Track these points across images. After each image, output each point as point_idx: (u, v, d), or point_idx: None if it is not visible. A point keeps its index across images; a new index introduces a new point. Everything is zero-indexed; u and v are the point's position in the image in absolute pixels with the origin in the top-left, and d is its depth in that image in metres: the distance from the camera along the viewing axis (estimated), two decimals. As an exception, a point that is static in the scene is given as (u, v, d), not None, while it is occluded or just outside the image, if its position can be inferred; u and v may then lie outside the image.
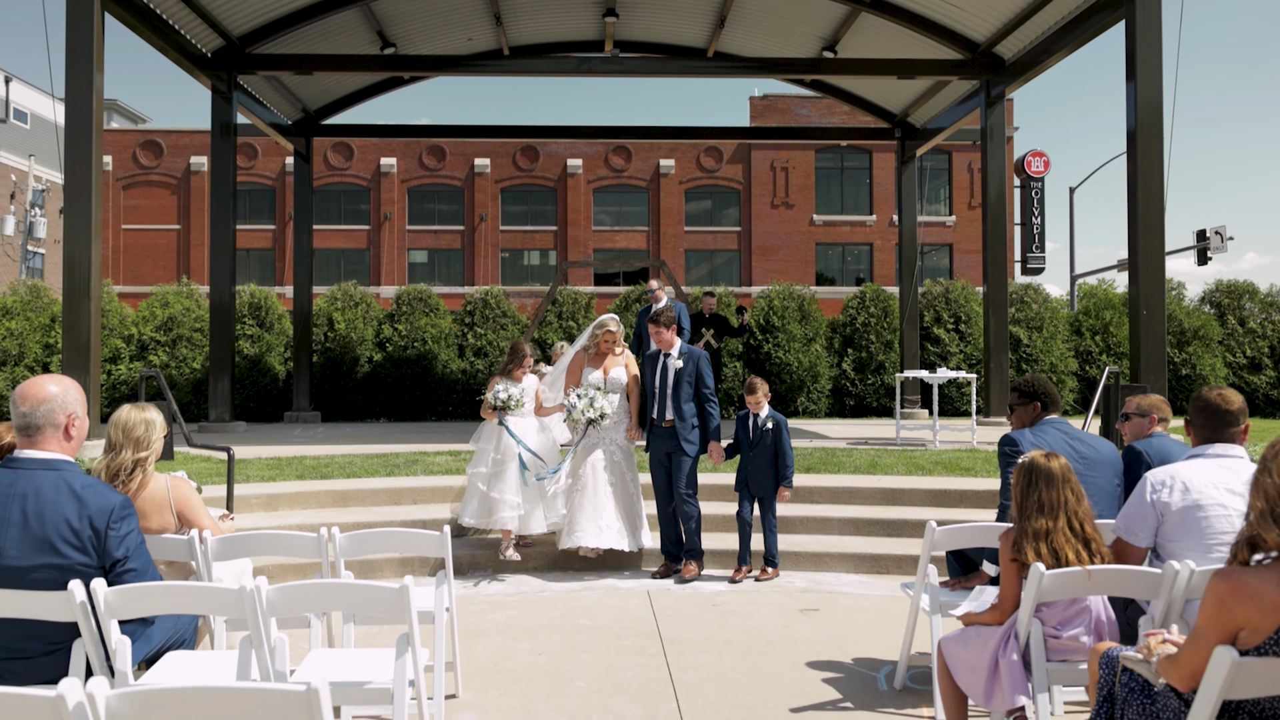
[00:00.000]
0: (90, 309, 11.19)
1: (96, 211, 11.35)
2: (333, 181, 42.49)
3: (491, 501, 7.81)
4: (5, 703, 2.18)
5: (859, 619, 6.55)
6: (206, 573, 4.25)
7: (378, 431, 15.58)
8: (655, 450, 7.95)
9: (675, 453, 7.78)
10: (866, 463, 10.40)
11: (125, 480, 4.25)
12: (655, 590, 7.42)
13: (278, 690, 2.26)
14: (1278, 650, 2.65)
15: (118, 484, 4.23)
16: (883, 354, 19.45)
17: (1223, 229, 30.17)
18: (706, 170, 43.49)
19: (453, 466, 10.33)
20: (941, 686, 4.12)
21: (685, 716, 4.72)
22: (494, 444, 7.99)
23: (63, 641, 3.34)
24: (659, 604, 6.96)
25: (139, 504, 4.25)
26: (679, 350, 7.92)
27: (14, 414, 3.40)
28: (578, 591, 7.40)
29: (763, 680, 5.28)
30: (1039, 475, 3.84)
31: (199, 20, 13.84)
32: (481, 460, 7.99)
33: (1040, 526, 3.77)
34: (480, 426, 8.27)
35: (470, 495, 7.99)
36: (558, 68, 17.39)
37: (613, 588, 7.55)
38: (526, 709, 4.83)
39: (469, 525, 8.04)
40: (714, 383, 8.16)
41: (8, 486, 3.29)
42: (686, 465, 7.76)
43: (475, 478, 7.96)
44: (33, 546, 3.25)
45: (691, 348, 7.98)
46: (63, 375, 3.58)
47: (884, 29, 15.59)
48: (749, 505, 7.80)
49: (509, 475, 7.82)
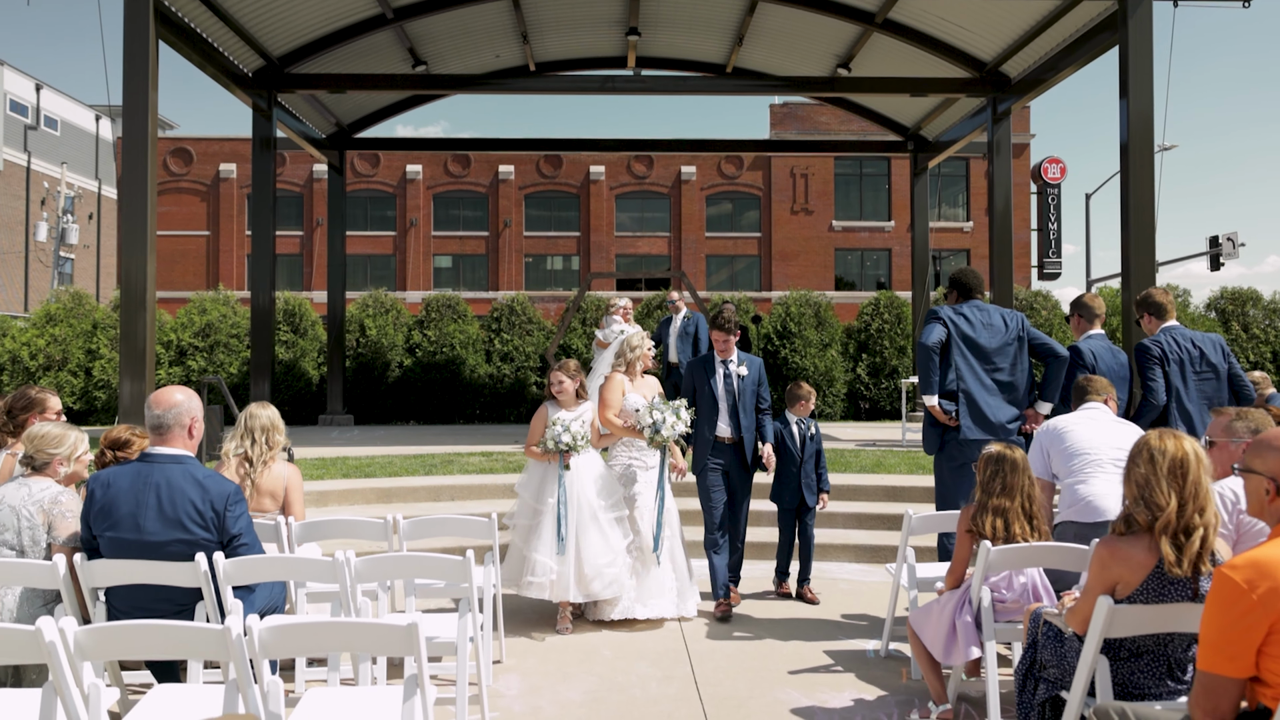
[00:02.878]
0: (146, 319, 11.95)
1: (152, 227, 12.08)
2: (360, 188, 43.35)
3: (522, 560, 6.57)
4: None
5: (855, 600, 7.31)
6: (290, 551, 5.02)
7: (410, 434, 16.34)
8: (713, 471, 7.00)
9: (737, 471, 7.03)
10: (872, 462, 11.09)
11: (264, 461, 5.28)
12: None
13: (383, 624, 2.99)
14: (1144, 599, 3.44)
15: (254, 465, 5.23)
16: (896, 359, 20.11)
17: (1234, 235, 30.68)
18: (727, 177, 44.17)
19: (486, 466, 11.07)
20: (914, 650, 4.93)
21: (698, 677, 5.47)
22: (534, 488, 6.71)
23: (188, 603, 4.10)
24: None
25: (261, 482, 5.21)
26: (739, 357, 7.11)
27: (148, 415, 4.17)
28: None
29: (765, 649, 6.05)
30: (1005, 463, 4.69)
31: (241, 43, 14.62)
32: (522, 512, 6.76)
33: (999, 504, 4.63)
34: (528, 469, 6.92)
35: (510, 554, 6.74)
36: (582, 86, 18.14)
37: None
38: (561, 671, 5.58)
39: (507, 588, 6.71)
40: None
41: (145, 477, 4.05)
42: (749, 488, 7.14)
43: (516, 532, 6.74)
44: (167, 525, 4.00)
45: (747, 354, 7.20)
46: (183, 386, 4.34)
47: (895, 48, 16.24)
48: (791, 517, 7.39)
49: (545, 529, 6.52)
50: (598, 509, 6.58)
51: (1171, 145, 34.72)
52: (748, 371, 7.04)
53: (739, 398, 6.97)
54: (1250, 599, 2.73)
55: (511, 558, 6.63)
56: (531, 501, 6.66)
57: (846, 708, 5.04)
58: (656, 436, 6.67)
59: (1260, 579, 2.75)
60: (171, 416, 4.15)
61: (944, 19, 14.81)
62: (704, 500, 7.02)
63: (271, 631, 2.97)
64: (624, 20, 16.72)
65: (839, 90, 17.71)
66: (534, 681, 5.43)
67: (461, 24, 16.75)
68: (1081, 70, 15.02)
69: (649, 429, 6.68)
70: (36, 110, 43.40)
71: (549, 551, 6.40)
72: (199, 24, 13.30)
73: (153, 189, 12.24)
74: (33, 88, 43.24)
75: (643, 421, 6.72)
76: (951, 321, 6.37)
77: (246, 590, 4.36)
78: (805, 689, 5.30)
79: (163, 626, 3.02)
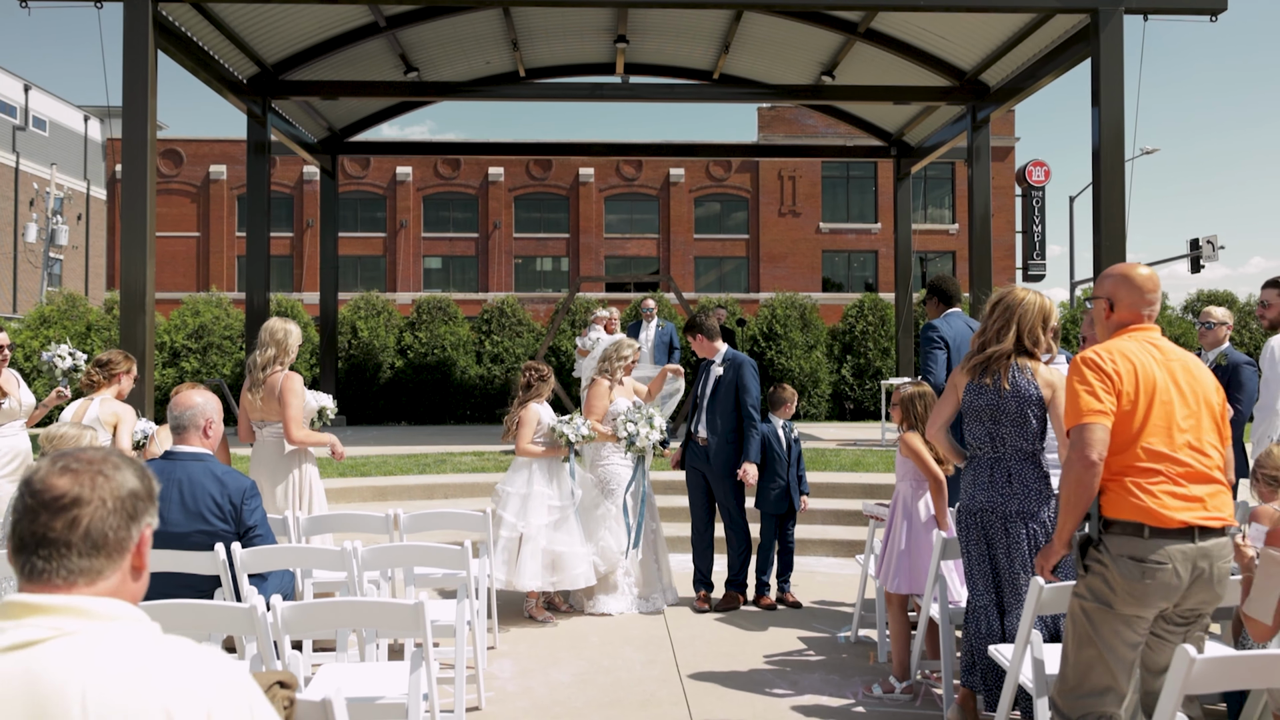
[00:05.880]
0: (145, 323, 12.24)
1: (151, 231, 12.35)
2: (350, 190, 43.53)
3: (556, 557, 6.68)
4: None
5: (831, 591, 7.69)
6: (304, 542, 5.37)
7: (402, 434, 16.66)
8: (690, 470, 7.27)
9: (710, 474, 7.14)
10: (851, 461, 11.47)
11: (269, 368, 6.03)
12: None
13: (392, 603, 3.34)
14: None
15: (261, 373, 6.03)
16: (880, 360, 20.51)
17: (1214, 238, 31.19)
18: (715, 179, 44.51)
19: (478, 465, 11.41)
20: (890, 613, 5.48)
21: (679, 661, 5.84)
22: (523, 484, 6.81)
23: (207, 589, 4.43)
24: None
25: (267, 387, 6.03)
26: (722, 357, 7.15)
27: (169, 417, 4.51)
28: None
29: (744, 636, 6.43)
30: (927, 397, 5.62)
31: (237, 51, 14.92)
32: (506, 506, 6.77)
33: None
34: (513, 468, 7.02)
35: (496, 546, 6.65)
36: (571, 93, 18.50)
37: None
38: (552, 656, 5.94)
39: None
40: (759, 393, 7.23)
41: (168, 473, 4.39)
42: (728, 487, 7.12)
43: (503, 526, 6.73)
44: (189, 517, 4.34)
45: (736, 353, 7.21)
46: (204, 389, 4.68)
47: (878, 56, 16.62)
48: (773, 523, 7.30)
49: (573, 523, 6.76)
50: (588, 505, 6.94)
51: (1153, 149, 35.22)
52: (723, 373, 7.09)
53: (710, 400, 7.07)
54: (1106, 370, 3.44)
55: (502, 551, 6.62)
56: (549, 500, 6.74)
57: (816, 686, 5.41)
58: (632, 446, 6.89)
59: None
60: (188, 418, 4.49)
61: (925, 29, 15.21)
62: (688, 499, 7.36)
63: (293, 610, 3.32)
64: (613, 28, 17.07)
65: (824, 98, 18.12)
66: (526, 665, 5.79)
67: (453, 32, 17.07)
68: (1064, 76, 15.44)
69: (624, 440, 6.91)
70: (25, 111, 43.43)
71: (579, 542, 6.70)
72: (196, 33, 13.61)
73: (152, 194, 12.49)
74: (21, 88, 43.26)
75: (619, 433, 6.93)
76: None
77: (260, 578, 4.69)
78: (779, 670, 5.67)
79: (195, 605, 3.37)
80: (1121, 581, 3.29)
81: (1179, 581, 3.27)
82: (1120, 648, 3.34)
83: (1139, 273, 3.64)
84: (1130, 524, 3.32)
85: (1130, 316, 3.61)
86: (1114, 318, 3.65)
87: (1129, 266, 3.68)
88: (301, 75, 16.60)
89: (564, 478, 6.86)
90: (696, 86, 19.18)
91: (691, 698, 5.22)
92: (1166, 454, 3.35)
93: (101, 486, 1.66)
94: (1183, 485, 3.33)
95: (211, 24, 13.58)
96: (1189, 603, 3.35)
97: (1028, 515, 4.34)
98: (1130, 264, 3.72)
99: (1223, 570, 3.35)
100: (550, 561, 6.65)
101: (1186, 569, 3.27)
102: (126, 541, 1.68)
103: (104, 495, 1.66)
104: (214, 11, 13.40)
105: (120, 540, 1.67)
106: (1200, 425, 3.43)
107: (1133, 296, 3.60)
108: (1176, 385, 3.44)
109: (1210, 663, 2.83)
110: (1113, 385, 3.39)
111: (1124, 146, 12.31)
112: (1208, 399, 3.48)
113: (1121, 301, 3.62)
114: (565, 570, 6.63)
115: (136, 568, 1.72)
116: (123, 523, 1.68)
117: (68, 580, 1.62)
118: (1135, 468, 3.35)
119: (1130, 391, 3.39)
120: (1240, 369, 6.66)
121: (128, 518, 1.69)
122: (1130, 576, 3.28)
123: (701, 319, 7.21)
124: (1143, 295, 3.60)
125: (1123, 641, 3.34)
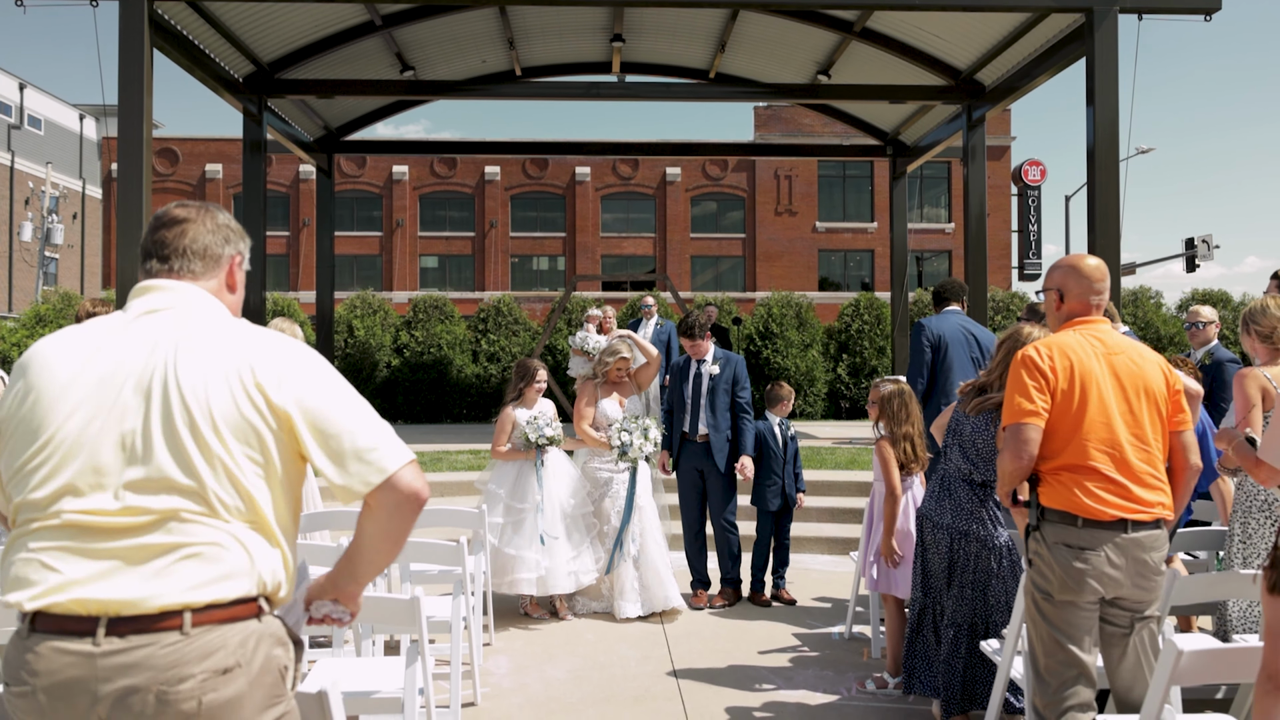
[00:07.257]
0: (143, 320, 12.24)
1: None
2: (346, 189, 43.48)
3: (506, 559, 6.59)
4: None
5: (826, 588, 7.72)
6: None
7: (399, 433, 16.43)
8: (685, 469, 7.29)
9: (710, 471, 7.14)
10: (846, 460, 11.50)
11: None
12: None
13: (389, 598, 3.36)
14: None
15: None
16: (876, 359, 20.55)
17: (1209, 237, 31.21)
18: (712, 178, 44.52)
19: (474, 464, 11.42)
20: (887, 610, 5.55)
21: (674, 658, 5.87)
22: (509, 487, 6.80)
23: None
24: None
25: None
26: (714, 355, 7.24)
27: None
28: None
29: (739, 633, 6.46)
30: (905, 395, 5.60)
31: (233, 49, 14.89)
32: (493, 508, 6.64)
33: (906, 431, 5.52)
34: (493, 468, 7.04)
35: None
36: (567, 92, 18.50)
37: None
38: (547, 653, 5.96)
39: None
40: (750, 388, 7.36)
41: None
42: (724, 484, 7.17)
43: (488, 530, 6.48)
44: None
45: (729, 352, 7.34)
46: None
47: (874, 56, 16.63)
48: (769, 520, 7.31)
49: (527, 527, 6.64)
50: (568, 507, 6.80)
51: (1149, 148, 35.30)
52: (719, 370, 7.13)
53: (708, 396, 7.09)
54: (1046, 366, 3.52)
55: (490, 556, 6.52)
56: (509, 500, 6.71)
57: (810, 681, 5.45)
58: (624, 457, 6.86)
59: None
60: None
61: (920, 29, 15.23)
62: (680, 498, 7.38)
63: (290, 604, 3.34)
64: (609, 27, 17.08)
65: (820, 97, 18.14)
66: (521, 662, 5.82)
67: (449, 31, 17.07)
68: (1060, 75, 15.47)
69: (617, 450, 6.86)
70: (20, 110, 43.32)
71: (531, 547, 6.54)
72: (192, 31, 13.59)
73: (148, 193, 12.46)
74: (16, 87, 43.14)
75: (612, 443, 6.88)
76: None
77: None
78: (774, 666, 5.71)
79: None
80: (1057, 568, 3.43)
81: (1113, 570, 3.39)
82: (1070, 629, 3.45)
83: (1087, 263, 3.74)
84: (1065, 514, 3.45)
85: (1080, 307, 3.70)
86: (1064, 308, 3.74)
87: (1077, 257, 3.78)
88: (298, 74, 16.58)
89: (529, 481, 6.75)
90: (693, 86, 19.20)
91: (686, 693, 5.25)
92: (1103, 448, 3.45)
93: (204, 217, 2.28)
94: (1117, 478, 3.44)
95: (208, 22, 13.56)
96: (1126, 593, 3.45)
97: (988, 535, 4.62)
98: (1079, 255, 3.83)
99: (1156, 561, 3.46)
100: (502, 564, 6.56)
101: (1120, 558, 3.40)
102: (221, 258, 2.28)
103: (205, 222, 2.28)
104: (210, 10, 13.38)
105: (216, 255, 2.27)
106: (1139, 418, 3.53)
107: (1081, 287, 3.69)
108: (1116, 378, 3.53)
109: (1197, 655, 2.86)
110: (1047, 384, 3.49)
111: (1119, 146, 12.33)
112: (1149, 389, 3.56)
113: (1071, 292, 3.72)
114: (511, 574, 6.54)
115: (229, 285, 2.32)
116: (218, 242, 2.28)
117: (178, 273, 2.21)
118: (1071, 462, 3.46)
119: (1066, 387, 3.49)
120: (1224, 367, 6.73)
121: (223, 240, 2.29)
122: (1064, 563, 3.41)
123: (691, 321, 7.25)
124: (1091, 285, 3.69)
125: (1070, 624, 3.45)
